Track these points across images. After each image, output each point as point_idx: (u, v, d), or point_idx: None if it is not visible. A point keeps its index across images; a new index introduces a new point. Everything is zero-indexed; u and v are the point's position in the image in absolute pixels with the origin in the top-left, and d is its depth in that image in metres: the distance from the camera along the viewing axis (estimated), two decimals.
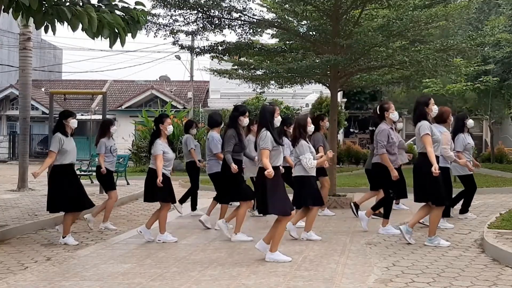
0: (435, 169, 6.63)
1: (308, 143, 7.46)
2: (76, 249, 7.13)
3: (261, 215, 7.24)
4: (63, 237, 7.47)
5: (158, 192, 7.34)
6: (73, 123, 7.60)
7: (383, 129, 7.77)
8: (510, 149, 25.25)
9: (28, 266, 6.18)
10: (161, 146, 7.38)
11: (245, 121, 7.87)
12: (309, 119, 7.64)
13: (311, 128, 7.68)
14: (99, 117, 19.44)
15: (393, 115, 7.85)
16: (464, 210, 9.23)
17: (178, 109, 29.02)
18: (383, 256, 6.44)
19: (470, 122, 9.13)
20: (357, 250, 6.82)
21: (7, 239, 7.76)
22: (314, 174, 7.46)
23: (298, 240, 7.44)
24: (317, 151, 8.31)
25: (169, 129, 7.51)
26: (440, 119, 8.03)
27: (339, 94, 23.01)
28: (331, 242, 7.34)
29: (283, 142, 7.55)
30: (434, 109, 7.15)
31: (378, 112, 7.96)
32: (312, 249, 6.88)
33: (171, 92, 34.77)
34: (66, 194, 7.39)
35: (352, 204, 9.38)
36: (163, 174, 7.30)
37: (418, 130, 6.94)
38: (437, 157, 6.95)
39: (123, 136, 30.10)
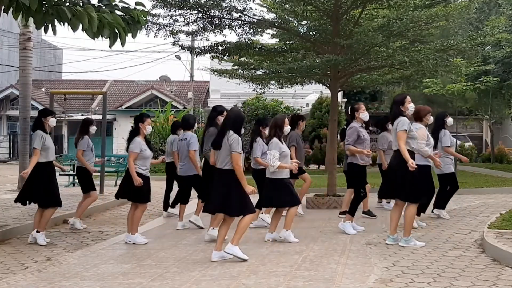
0: (412, 164, 6.64)
1: (282, 143, 7.44)
2: (76, 249, 7.14)
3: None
4: (37, 231, 7.45)
5: (134, 192, 7.36)
6: (52, 121, 7.71)
7: (353, 127, 8.21)
8: (510, 149, 25.26)
9: (28, 266, 6.18)
10: (139, 144, 7.42)
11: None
12: (286, 120, 7.67)
13: (287, 129, 7.66)
14: (99, 117, 19.40)
15: (363, 115, 8.22)
16: (441, 205, 9.25)
17: (178, 109, 29.02)
18: (383, 256, 6.44)
19: (449, 121, 9.18)
20: (357, 250, 6.82)
21: (7, 239, 7.76)
22: (287, 176, 7.35)
23: (298, 240, 7.43)
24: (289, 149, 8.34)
25: (148, 129, 7.59)
26: (416, 117, 7.82)
27: (339, 94, 23.00)
28: (331, 242, 7.34)
29: (257, 142, 7.68)
30: (410, 107, 7.14)
31: (350, 113, 8.39)
32: (312, 249, 6.88)
33: (171, 92, 34.78)
34: (53, 190, 7.52)
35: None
36: (142, 175, 7.34)
37: (396, 126, 6.94)
38: (413, 153, 6.97)
39: (123, 136, 30.09)
